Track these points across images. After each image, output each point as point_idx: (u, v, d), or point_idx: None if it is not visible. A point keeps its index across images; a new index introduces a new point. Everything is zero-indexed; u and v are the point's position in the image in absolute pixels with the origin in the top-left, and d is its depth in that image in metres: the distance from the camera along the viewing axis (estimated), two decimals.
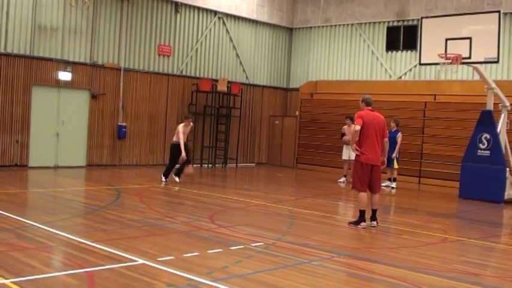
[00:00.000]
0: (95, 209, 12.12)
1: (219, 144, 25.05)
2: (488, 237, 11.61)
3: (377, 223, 11.72)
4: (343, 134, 20.32)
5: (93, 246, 8.47)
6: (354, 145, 11.58)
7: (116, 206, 12.74)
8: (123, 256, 8.00)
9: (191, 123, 17.82)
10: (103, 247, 8.44)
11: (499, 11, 17.00)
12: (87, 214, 11.74)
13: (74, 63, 20.49)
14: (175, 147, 17.28)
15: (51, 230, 9.56)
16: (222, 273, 7.45)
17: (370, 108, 11.77)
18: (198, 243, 9.29)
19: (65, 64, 20.24)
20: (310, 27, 27.72)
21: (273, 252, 8.84)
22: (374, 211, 11.74)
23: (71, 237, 9.08)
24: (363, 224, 11.56)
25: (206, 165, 24.39)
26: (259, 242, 9.47)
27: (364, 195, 11.57)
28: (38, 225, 9.91)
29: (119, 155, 22.01)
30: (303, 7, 27.82)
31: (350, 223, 11.78)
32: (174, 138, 17.53)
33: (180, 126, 17.29)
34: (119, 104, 21.84)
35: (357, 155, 11.61)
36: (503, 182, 16.89)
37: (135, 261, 7.78)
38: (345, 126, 20.25)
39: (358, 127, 11.45)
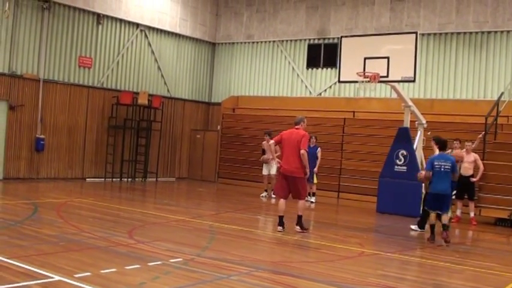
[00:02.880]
0: (10, 224, 11.80)
1: (139, 158, 24.77)
2: (404, 251, 11.90)
3: (301, 229, 12.88)
4: (264, 150, 20.52)
5: (8, 263, 8.24)
6: (276, 158, 13.67)
7: (33, 220, 12.44)
8: (39, 273, 7.81)
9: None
10: (18, 263, 8.22)
11: (416, 32, 17.56)
12: (2, 229, 11.40)
13: None
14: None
15: None
16: None
17: (296, 127, 13.01)
18: (116, 259, 9.17)
19: None
20: (233, 43, 27.88)
21: (192, 267, 8.81)
22: (298, 217, 12.89)
23: None
24: (279, 228, 12.72)
25: (126, 179, 24.12)
26: (178, 257, 9.41)
27: (280, 202, 12.85)
28: None
29: (37, 168, 21.49)
30: (226, 23, 27.96)
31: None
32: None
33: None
34: (38, 116, 21.35)
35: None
36: (419, 197, 17.26)
37: (51, 277, 7.61)
38: (264, 142, 20.40)
39: (271, 142, 13.46)
